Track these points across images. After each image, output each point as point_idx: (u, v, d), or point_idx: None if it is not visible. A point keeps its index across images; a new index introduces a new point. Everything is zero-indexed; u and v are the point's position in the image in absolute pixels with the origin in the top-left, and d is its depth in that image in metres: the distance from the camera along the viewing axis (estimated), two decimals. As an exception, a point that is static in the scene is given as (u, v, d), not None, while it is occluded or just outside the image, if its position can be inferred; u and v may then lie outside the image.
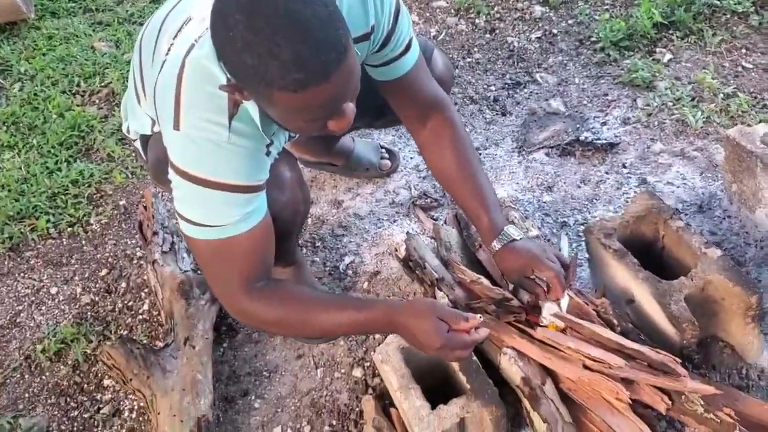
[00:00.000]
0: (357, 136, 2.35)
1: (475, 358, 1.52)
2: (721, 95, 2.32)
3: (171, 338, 1.79)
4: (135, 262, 2.14)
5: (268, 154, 1.39)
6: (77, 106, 2.71)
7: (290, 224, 1.61)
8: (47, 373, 1.88)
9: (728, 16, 2.67)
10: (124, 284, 2.09)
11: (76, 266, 2.16)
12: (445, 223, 2.00)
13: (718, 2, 2.70)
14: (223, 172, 1.27)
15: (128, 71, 1.66)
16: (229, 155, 1.27)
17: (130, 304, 2.03)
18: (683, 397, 1.42)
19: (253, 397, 1.77)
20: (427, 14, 3.04)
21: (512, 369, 1.51)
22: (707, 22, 2.66)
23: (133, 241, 2.21)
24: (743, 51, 2.53)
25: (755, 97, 2.30)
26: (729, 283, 1.48)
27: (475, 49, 2.80)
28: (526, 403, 1.48)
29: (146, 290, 2.05)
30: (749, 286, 1.47)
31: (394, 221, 2.11)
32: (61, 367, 1.89)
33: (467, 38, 2.87)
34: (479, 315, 1.39)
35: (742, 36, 2.59)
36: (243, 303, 1.38)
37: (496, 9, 3.01)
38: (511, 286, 1.67)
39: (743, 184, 1.79)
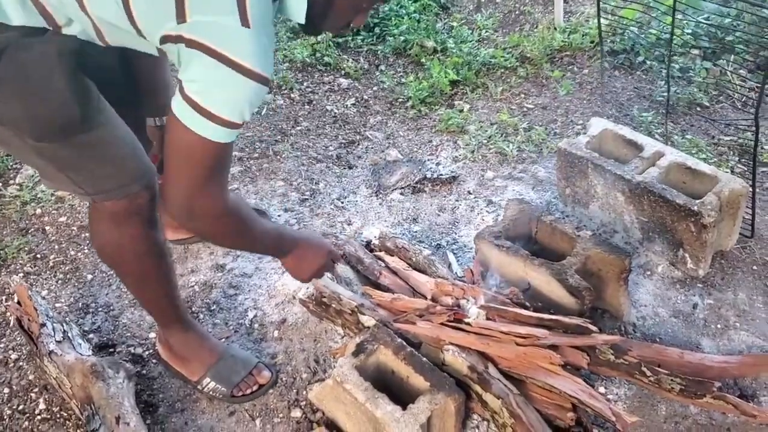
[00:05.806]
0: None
1: (424, 359, 1.67)
2: (522, 129, 2.78)
3: (96, 422, 1.68)
4: (12, 365, 1.95)
5: None
6: None
7: None
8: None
9: (502, 70, 3.21)
10: (6, 390, 1.88)
11: (-61, 385, 1.90)
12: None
13: (492, 60, 3.24)
14: (268, 66, 1.27)
15: None
16: (269, 48, 1.29)
17: (21, 407, 1.84)
18: (597, 350, 1.71)
19: (198, 462, 1.71)
20: (243, 93, 3.19)
21: (458, 361, 1.68)
22: (488, 77, 3.18)
23: (1, 346, 2.01)
24: (522, 96, 3.06)
25: (546, 129, 2.80)
26: (605, 253, 1.83)
27: (301, 119, 3.01)
28: (477, 388, 1.65)
29: (36, 390, 1.88)
30: (621, 252, 1.82)
31: (283, 272, 2.19)
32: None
33: (289, 110, 3.07)
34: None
35: (517, 85, 3.13)
36: (227, 202, 1.41)
37: (305, 84, 3.26)
38: (429, 295, 1.86)
39: (576, 186, 2.19)
